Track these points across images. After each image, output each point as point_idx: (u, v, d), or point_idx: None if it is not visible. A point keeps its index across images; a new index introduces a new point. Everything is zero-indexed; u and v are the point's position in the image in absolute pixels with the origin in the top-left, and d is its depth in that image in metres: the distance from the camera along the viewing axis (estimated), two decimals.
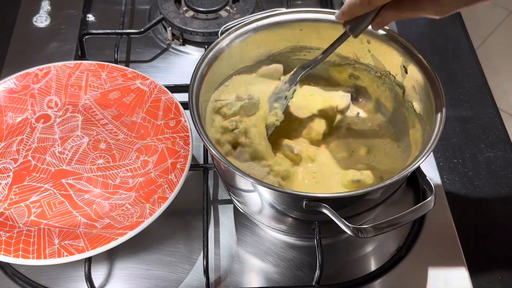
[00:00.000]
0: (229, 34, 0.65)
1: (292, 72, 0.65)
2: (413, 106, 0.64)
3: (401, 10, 0.55)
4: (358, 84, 0.71)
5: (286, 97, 0.65)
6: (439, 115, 0.57)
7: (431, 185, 0.55)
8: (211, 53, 0.63)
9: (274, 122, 0.64)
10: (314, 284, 0.61)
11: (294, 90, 0.65)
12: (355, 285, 0.63)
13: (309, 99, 0.70)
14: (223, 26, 0.66)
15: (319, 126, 0.66)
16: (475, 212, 0.70)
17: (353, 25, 0.59)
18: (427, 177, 0.56)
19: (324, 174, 0.63)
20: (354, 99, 0.71)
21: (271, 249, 0.66)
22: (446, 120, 0.57)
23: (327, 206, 0.52)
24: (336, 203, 0.53)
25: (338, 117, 0.69)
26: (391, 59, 0.65)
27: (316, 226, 0.60)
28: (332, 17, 0.66)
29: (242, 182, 0.57)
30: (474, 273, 0.63)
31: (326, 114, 0.68)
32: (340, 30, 0.62)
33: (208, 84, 0.63)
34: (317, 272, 0.60)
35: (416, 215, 0.54)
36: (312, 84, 0.72)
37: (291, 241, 0.66)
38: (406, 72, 0.63)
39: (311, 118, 0.67)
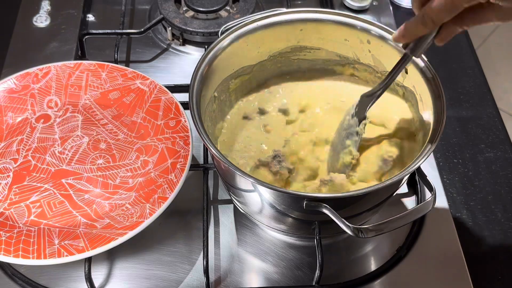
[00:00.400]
0: (230, 34, 0.64)
1: (356, 104, 0.62)
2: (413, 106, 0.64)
3: (463, 21, 0.53)
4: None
5: (357, 132, 0.62)
6: (439, 115, 0.57)
7: (431, 185, 0.55)
8: (211, 53, 0.63)
9: (351, 161, 0.61)
10: (314, 284, 0.61)
11: (365, 125, 0.62)
12: (355, 285, 0.63)
13: None
14: (223, 26, 0.66)
15: None
16: (475, 212, 0.70)
17: (414, 46, 0.57)
18: (427, 177, 0.56)
19: None
20: None
21: (271, 249, 0.66)
22: (446, 120, 0.57)
23: (328, 206, 0.51)
24: (337, 203, 0.53)
25: None
26: (391, 59, 0.65)
27: (316, 226, 0.59)
28: (333, 17, 0.66)
29: (242, 182, 0.57)
30: (474, 273, 0.63)
31: None
32: (342, 30, 0.63)
33: (209, 84, 0.63)
34: (317, 272, 0.60)
35: (417, 215, 0.54)
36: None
37: (291, 241, 0.66)
38: (406, 73, 0.63)
39: None
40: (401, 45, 0.59)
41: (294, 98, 0.69)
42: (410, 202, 0.70)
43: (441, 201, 0.69)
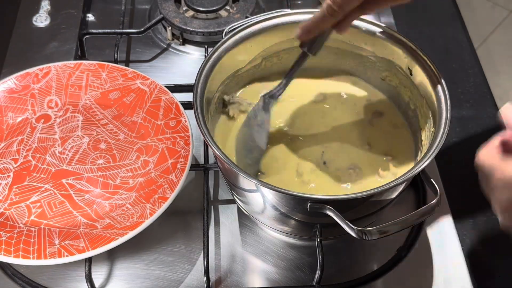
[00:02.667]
0: (234, 35, 0.65)
1: (260, 105, 0.64)
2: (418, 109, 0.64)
3: (365, 7, 0.54)
4: None
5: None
6: (443, 117, 0.57)
7: (436, 187, 0.55)
8: (215, 54, 0.63)
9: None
10: (314, 284, 0.61)
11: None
12: (355, 285, 0.63)
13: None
14: (228, 27, 0.66)
15: None
16: (475, 212, 0.70)
17: (311, 44, 0.58)
18: (431, 179, 0.56)
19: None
20: None
21: (271, 249, 0.66)
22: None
23: (331, 208, 0.51)
24: (340, 205, 0.53)
25: None
26: (395, 60, 0.65)
27: (318, 229, 0.60)
28: None
29: (245, 183, 0.57)
30: (474, 272, 0.63)
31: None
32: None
33: (212, 84, 0.63)
34: (318, 272, 0.60)
35: (421, 218, 0.53)
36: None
37: (292, 241, 0.66)
38: (411, 74, 0.63)
39: None
40: (298, 43, 0.59)
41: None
42: (410, 202, 0.70)
43: (441, 202, 0.69)
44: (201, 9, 0.86)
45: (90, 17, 0.92)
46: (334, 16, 0.53)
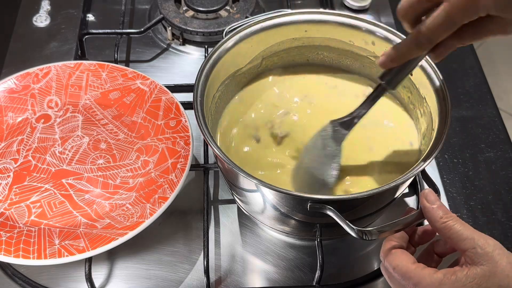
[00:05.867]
0: (234, 34, 0.65)
1: (329, 131, 0.60)
2: (418, 109, 0.64)
3: (462, 37, 0.49)
4: None
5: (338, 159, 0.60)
6: (443, 117, 0.57)
7: (436, 187, 0.55)
8: (215, 54, 0.63)
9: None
10: (314, 284, 0.61)
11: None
12: (355, 285, 0.63)
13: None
14: (228, 27, 0.66)
15: None
16: (475, 212, 0.70)
17: (392, 77, 0.53)
18: (432, 180, 0.56)
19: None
20: None
21: (271, 249, 0.66)
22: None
23: (332, 208, 0.51)
24: (341, 205, 0.53)
25: None
26: None
27: (318, 229, 0.60)
28: (338, 18, 0.66)
29: (246, 183, 0.57)
30: None
31: None
32: (347, 32, 0.62)
33: (212, 84, 0.63)
34: (318, 272, 0.60)
35: (421, 218, 0.53)
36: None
37: (292, 241, 0.66)
38: (411, 74, 0.63)
39: None
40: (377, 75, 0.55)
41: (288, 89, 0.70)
42: (410, 202, 0.70)
43: (441, 201, 0.69)
44: (201, 9, 0.87)
45: (90, 17, 0.92)
46: (422, 48, 0.50)
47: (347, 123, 0.60)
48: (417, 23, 0.49)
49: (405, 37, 0.63)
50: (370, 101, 0.58)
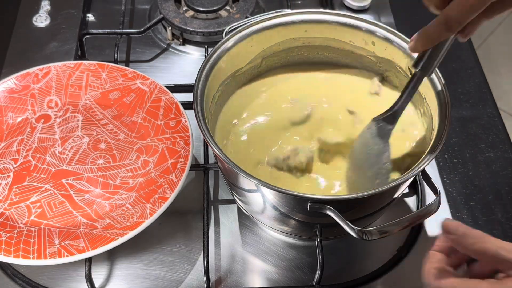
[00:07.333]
0: (234, 34, 0.65)
1: (373, 128, 0.59)
2: (418, 109, 0.64)
3: (492, 12, 0.48)
4: None
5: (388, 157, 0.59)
6: (443, 117, 0.57)
7: (436, 188, 0.55)
8: (215, 54, 0.63)
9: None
10: (314, 284, 0.61)
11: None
12: (355, 285, 0.63)
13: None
14: (228, 27, 0.66)
15: None
16: (475, 212, 0.70)
17: (425, 63, 0.52)
18: (432, 180, 0.56)
19: None
20: None
21: (271, 249, 0.66)
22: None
23: (332, 208, 0.51)
24: (341, 205, 0.53)
25: None
26: (396, 61, 0.65)
27: (318, 229, 0.60)
28: (338, 18, 0.65)
29: (246, 183, 0.57)
30: None
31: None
32: (347, 32, 0.62)
33: (212, 84, 0.63)
34: (318, 272, 0.60)
35: (422, 218, 0.53)
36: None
37: (292, 241, 0.66)
38: (411, 74, 0.63)
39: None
40: (410, 64, 0.53)
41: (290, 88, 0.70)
42: (410, 202, 0.70)
43: (441, 201, 0.69)
44: (201, 9, 0.86)
45: (90, 17, 0.92)
46: (452, 31, 0.48)
47: (390, 117, 0.58)
48: (444, 5, 0.48)
49: (405, 37, 0.64)
50: (409, 91, 0.57)
